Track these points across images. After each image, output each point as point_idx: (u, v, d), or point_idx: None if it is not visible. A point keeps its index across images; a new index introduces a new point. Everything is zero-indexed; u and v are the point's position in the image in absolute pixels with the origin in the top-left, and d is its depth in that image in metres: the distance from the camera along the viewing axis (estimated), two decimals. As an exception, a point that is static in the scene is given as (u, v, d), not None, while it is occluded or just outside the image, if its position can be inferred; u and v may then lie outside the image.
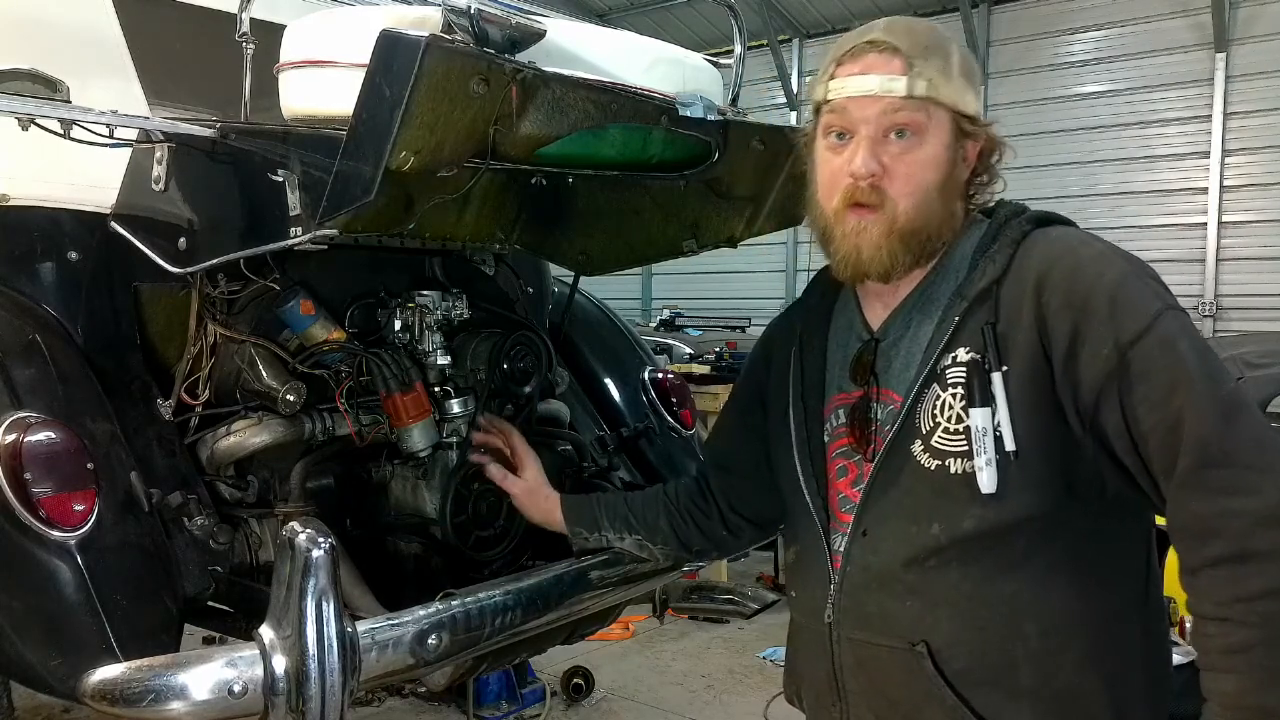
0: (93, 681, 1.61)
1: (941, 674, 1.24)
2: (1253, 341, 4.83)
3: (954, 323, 1.27)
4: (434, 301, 2.22)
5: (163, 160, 1.85)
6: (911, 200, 1.29)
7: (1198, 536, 1.13)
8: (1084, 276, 1.20)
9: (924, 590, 1.27)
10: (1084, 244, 1.27)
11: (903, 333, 1.36)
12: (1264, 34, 9.14)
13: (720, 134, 1.91)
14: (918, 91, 1.27)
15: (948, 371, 1.27)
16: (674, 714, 3.97)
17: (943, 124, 1.29)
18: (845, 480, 1.39)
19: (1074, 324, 1.18)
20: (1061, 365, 1.19)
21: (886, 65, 1.28)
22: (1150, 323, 1.16)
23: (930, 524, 1.26)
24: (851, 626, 1.34)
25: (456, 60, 1.38)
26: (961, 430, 1.24)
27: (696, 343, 8.54)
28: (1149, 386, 1.14)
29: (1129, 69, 9.89)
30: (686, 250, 2.26)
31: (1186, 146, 9.61)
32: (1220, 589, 1.11)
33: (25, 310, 1.99)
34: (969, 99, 1.32)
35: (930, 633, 1.26)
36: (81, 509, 1.75)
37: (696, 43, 4.75)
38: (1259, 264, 9.12)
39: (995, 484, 1.20)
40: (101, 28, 2.26)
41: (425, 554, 2.25)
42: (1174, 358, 1.14)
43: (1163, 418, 1.13)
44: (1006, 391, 1.20)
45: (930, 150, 1.29)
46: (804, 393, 1.46)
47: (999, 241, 1.29)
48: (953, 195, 1.33)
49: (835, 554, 1.37)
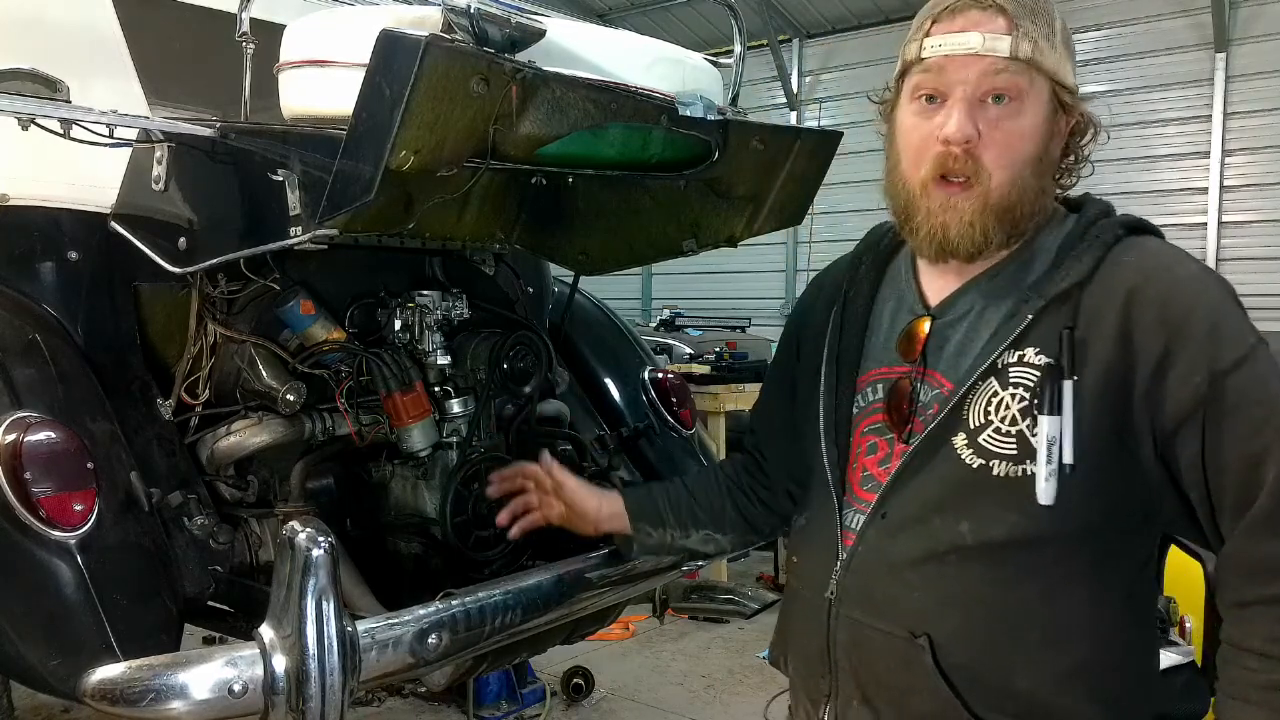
0: (93, 681, 1.61)
1: (940, 668, 1.22)
2: (1253, 341, 4.82)
3: (1027, 319, 1.20)
4: (434, 301, 2.22)
5: (163, 160, 1.86)
6: (1007, 173, 1.21)
7: (1261, 574, 1.11)
8: (1181, 296, 1.15)
9: (936, 585, 1.24)
10: (1180, 262, 1.21)
11: (964, 315, 1.29)
12: (1264, 34, 9.13)
13: (720, 134, 1.91)
14: (1022, 53, 1.18)
15: (1011, 369, 1.20)
16: (674, 714, 3.97)
17: (1043, 93, 1.21)
18: (873, 458, 1.33)
19: (1166, 344, 1.13)
20: (1145, 385, 1.14)
21: (991, 23, 1.19)
22: (1246, 354, 1.12)
23: (959, 521, 1.22)
24: (853, 606, 1.31)
25: (456, 60, 1.38)
26: (1014, 433, 1.19)
27: (696, 343, 8.53)
28: (1238, 420, 1.11)
29: (1129, 69, 9.88)
30: (686, 250, 2.25)
31: (1186, 146, 9.60)
32: (1272, 627, 1.10)
33: (25, 310, 1.99)
34: (1068, 70, 1.24)
35: (934, 626, 1.23)
36: (81, 509, 1.75)
37: (696, 43, 4.75)
38: (1259, 264, 9.11)
39: (1054, 496, 1.16)
40: (101, 28, 2.26)
41: (425, 554, 2.25)
42: (1265, 394, 1.11)
43: (1246, 453, 1.10)
44: (1075, 402, 1.15)
45: (1029, 119, 1.21)
46: (839, 356, 1.39)
47: (1086, 240, 1.23)
48: (1046, 172, 1.26)
49: (848, 530, 1.33)
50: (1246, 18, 9.22)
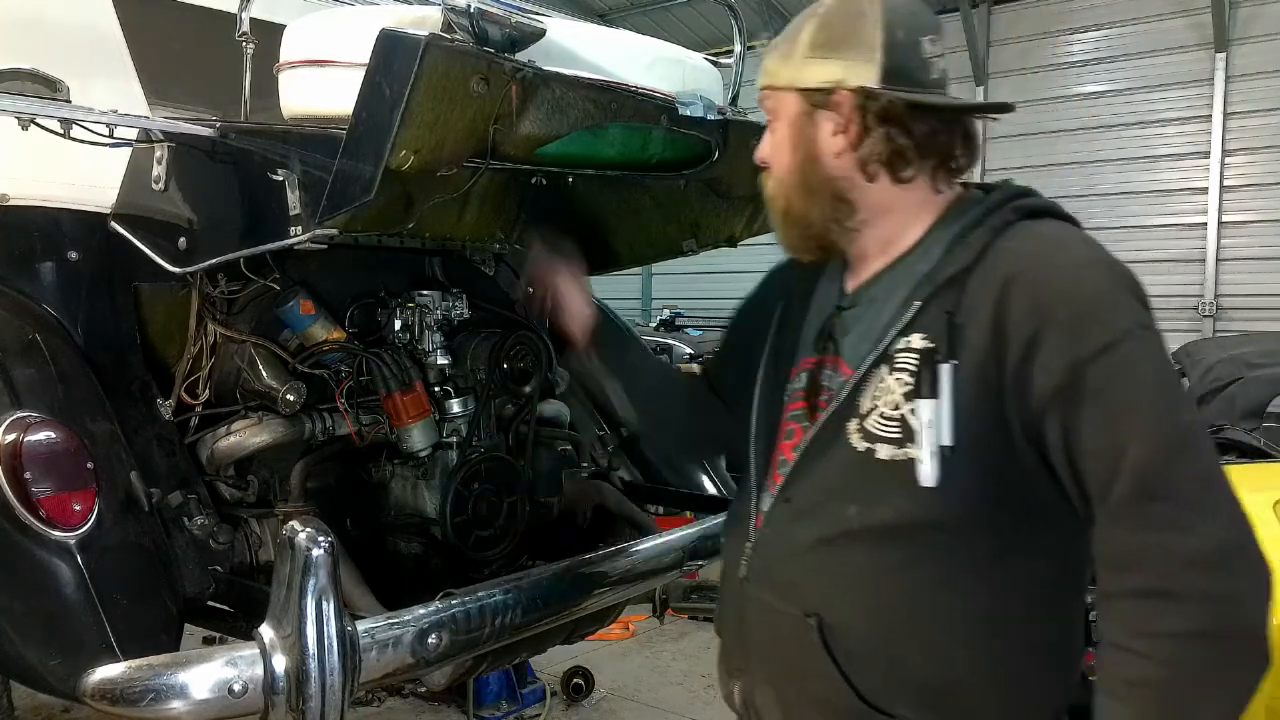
0: (93, 681, 1.61)
1: (829, 650, 1.24)
2: (1253, 341, 4.83)
3: (915, 306, 1.23)
4: (434, 301, 2.22)
5: (163, 160, 1.86)
6: (773, 184, 1.35)
7: (1121, 565, 1.10)
8: (1055, 282, 1.15)
9: (829, 567, 1.26)
10: (1065, 246, 1.21)
11: (869, 305, 1.33)
12: (1264, 34, 9.13)
13: (720, 133, 1.91)
14: (761, 82, 1.33)
15: (898, 355, 1.22)
16: (674, 714, 3.97)
17: (788, 105, 1.31)
18: (789, 444, 1.37)
19: (1034, 330, 1.13)
20: (1015, 370, 1.14)
21: (767, 58, 1.35)
22: (1114, 340, 1.10)
23: (848, 505, 1.24)
24: (759, 586, 1.35)
25: (456, 59, 1.38)
26: (897, 417, 1.21)
27: (696, 343, 8.53)
28: (1098, 407, 1.10)
29: (1129, 69, 9.88)
30: (686, 250, 2.26)
31: (1186, 146, 9.61)
32: (1132, 620, 1.09)
33: (25, 310, 1.99)
34: (816, 71, 1.26)
35: (826, 608, 1.25)
36: (81, 509, 1.75)
37: (696, 43, 4.74)
38: (1259, 264, 9.11)
39: (937, 478, 1.16)
40: (101, 28, 2.26)
41: (425, 554, 2.25)
42: (1132, 380, 1.10)
43: (1107, 441, 1.10)
44: (953, 385, 1.16)
45: (779, 133, 1.33)
46: (778, 350, 1.46)
47: (980, 228, 1.24)
48: (817, 172, 1.29)
49: (760, 513, 1.38)
50: (1246, 18, 9.22)
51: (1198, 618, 1.05)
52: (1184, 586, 1.05)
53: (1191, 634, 1.05)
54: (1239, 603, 1.06)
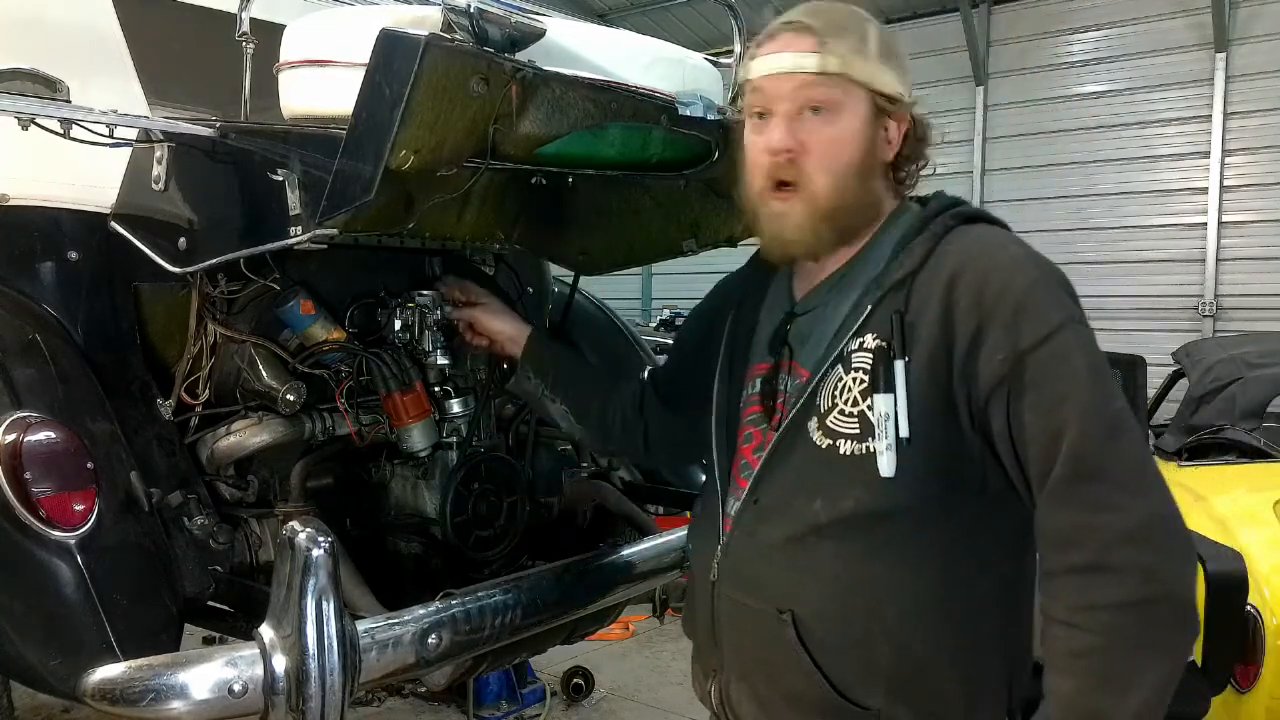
0: (93, 681, 1.61)
1: (803, 642, 1.29)
2: (1253, 341, 4.82)
3: (866, 309, 1.30)
4: (434, 301, 2.22)
5: (163, 160, 1.85)
6: (828, 178, 1.31)
7: (1061, 544, 1.18)
8: (995, 279, 1.22)
9: (798, 563, 1.31)
10: (1002, 247, 1.28)
11: (820, 310, 1.39)
12: (1264, 34, 9.12)
13: (720, 133, 1.91)
14: (829, 68, 1.29)
15: (853, 356, 1.29)
16: (674, 714, 3.97)
17: (859, 101, 1.31)
18: (749, 447, 1.43)
19: (978, 324, 1.21)
20: (961, 363, 1.22)
21: (799, 43, 1.31)
22: (1050, 333, 1.18)
23: (814, 500, 1.30)
24: (730, 587, 1.39)
25: (456, 59, 1.38)
26: (855, 414, 1.27)
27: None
28: (1037, 395, 1.18)
29: (1129, 69, 9.87)
30: (686, 250, 2.26)
31: (1186, 146, 9.60)
32: (1073, 595, 1.16)
33: (25, 310, 1.99)
34: (887, 78, 1.32)
35: (797, 603, 1.30)
36: (81, 509, 1.75)
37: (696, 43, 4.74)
38: (1259, 264, 9.10)
39: (895, 468, 1.23)
40: (101, 28, 2.26)
41: (425, 554, 2.25)
42: (1066, 370, 1.18)
43: (1046, 427, 1.17)
44: (906, 380, 1.23)
45: (846, 126, 1.31)
46: (731, 358, 1.51)
47: (923, 234, 1.31)
48: (872, 175, 1.35)
49: (727, 517, 1.42)
50: (1246, 18, 9.22)
51: (1131, 588, 1.13)
52: (1118, 560, 1.13)
53: (1126, 604, 1.13)
54: (1168, 572, 1.14)
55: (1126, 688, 1.13)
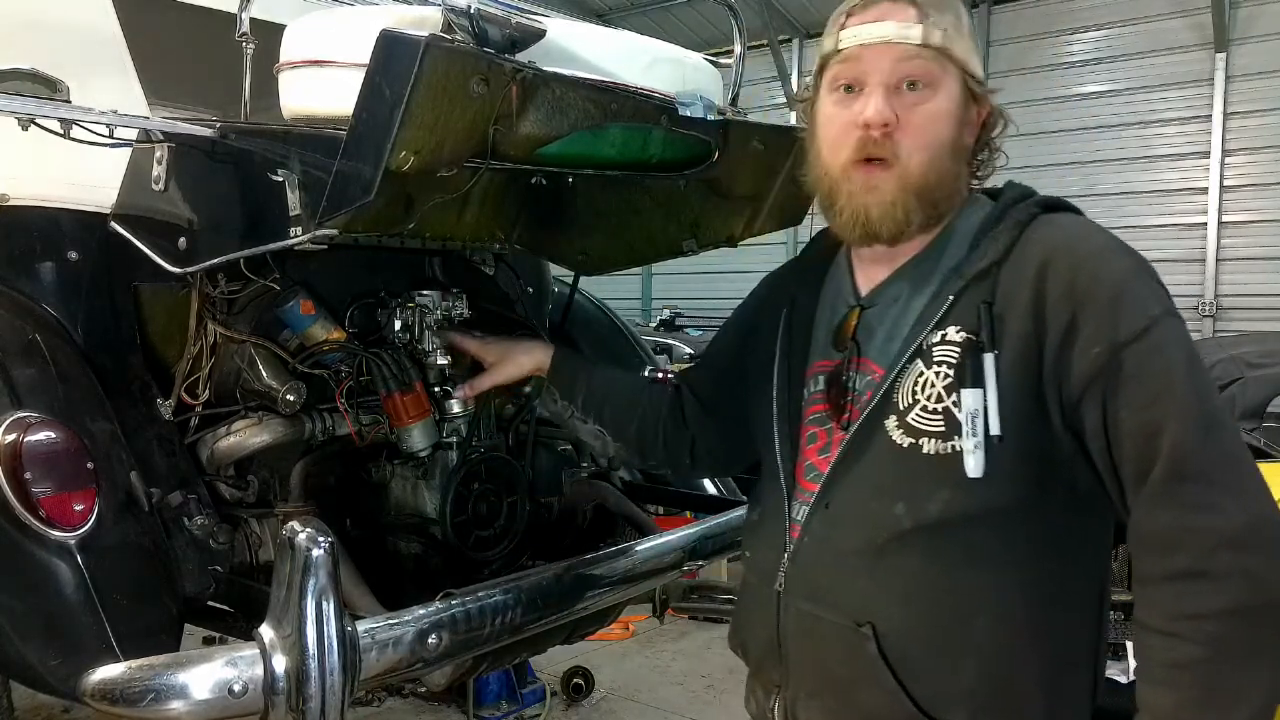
0: (93, 681, 1.61)
1: (885, 658, 1.22)
2: (1253, 341, 4.83)
3: (948, 300, 1.23)
4: (434, 301, 2.22)
5: (163, 160, 1.85)
6: (925, 155, 1.25)
7: (1159, 548, 1.11)
8: (1088, 268, 1.17)
9: (879, 572, 1.24)
10: (1090, 236, 1.23)
11: (891, 303, 1.32)
12: (1264, 34, 9.14)
13: (720, 134, 1.91)
14: (933, 40, 1.23)
15: (935, 349, 1.23)
16: (674, 714, 3.97)
17: (955, 80, 1.26)
18: (814, 448, 1.35)
19: (1072, 315, 1.15)
20: (1054, 355, 1.16)
21: (902, 13, 1.24)
22: (1148, 325, 1.13)
23: (895, 504, 1.23)
24: (800, 597, 1.31)
25: (456, 60, 1.38)
26: (940, 410, 1.20)
27: (696, 343, 8.54)
28: (1135, 390, 1.12)
29: (1129, 69, 9.89)
30: (686, 250, 2.25)
31: (1186, 146, 9.61)
32: (1173, 603, 1.09)
33: (25, 310, 1.99)
34: (976, 61, 1.29)
35: (879, 615, 1.23)
36: (81, 509, 1.75)
37: (696, 43, 4.73)
38: (1259, 264, 9.12)
39: (983, 468, 1.16)
40: (101, 28, 2.26)
41: (425, 554, 2.25)
42: (1165, 364, 1.12)
43: (1144, 423, 1.11)
44: (997, 375, 1.17)
45: (944, 103, 1.25)
46: (789, 354, 1.43)
47: (1004, 222, 1.26)
48: (961, 157, 1.30)
49: (794, 522, 1.34)
50: (1246, 18, 9.23)
51: (1235, 595, 1.06)
52: (1220, 565, 1.06)
53: (1230, 611, 1.06)
54: (1273, 577, 1.07)
55: (1233, 701, 1.06)
